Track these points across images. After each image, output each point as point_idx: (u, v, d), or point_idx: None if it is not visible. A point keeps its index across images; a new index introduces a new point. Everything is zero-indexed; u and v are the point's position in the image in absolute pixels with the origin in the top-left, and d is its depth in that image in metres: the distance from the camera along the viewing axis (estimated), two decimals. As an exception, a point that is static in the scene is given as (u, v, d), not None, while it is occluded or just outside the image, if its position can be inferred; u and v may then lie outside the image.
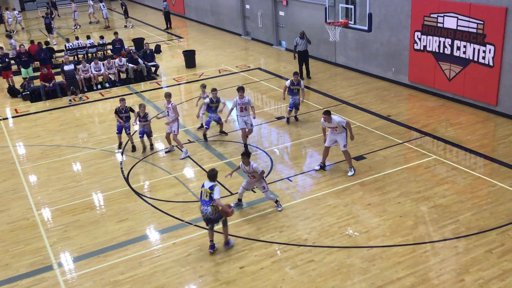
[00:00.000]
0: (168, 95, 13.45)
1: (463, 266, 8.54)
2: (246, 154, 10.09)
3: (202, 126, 14.72)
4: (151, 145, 13.95)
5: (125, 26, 31.98)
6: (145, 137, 13.77)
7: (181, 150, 13.30)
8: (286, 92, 14.80)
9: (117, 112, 13.94)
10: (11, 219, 10.98)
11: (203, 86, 14.94)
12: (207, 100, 13.98)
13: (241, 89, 13.31)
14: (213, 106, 13.93)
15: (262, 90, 18.32)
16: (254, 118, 13.54)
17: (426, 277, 8.32)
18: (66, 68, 18.06)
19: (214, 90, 13.91)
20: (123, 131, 13.87)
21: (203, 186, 9.11)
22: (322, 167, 12.13)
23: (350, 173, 11.82)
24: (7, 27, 32.70)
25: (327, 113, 11.51)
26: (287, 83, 14.71)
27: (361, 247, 9.20)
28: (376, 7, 17.16)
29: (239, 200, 10.79)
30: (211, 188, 8.95)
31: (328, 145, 11.91)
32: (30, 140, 15.24)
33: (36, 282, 8.87)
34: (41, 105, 18.38)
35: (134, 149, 13.79)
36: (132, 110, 14.07)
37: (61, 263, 9.38)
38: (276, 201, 10.67)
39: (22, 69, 20.32)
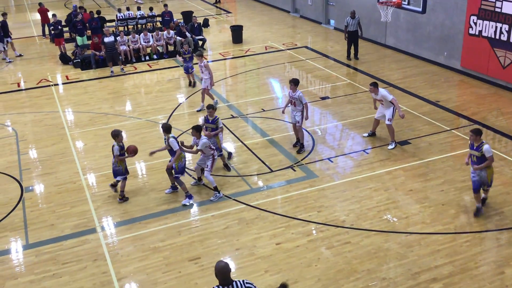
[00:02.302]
0: (199, 55, 14.44)
1: (504, 259, 8.33)
2: (195, 129, 10.22)
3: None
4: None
5: None
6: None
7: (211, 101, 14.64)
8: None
9: (181, 54, 16.67)
10: (58, 181, 11.41)
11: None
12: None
13: (292, 82, 11.72)
14: (209, 127, 11.29)
15: (308, 69, 18.14)
16: (306, 119, 11.97)
17: (465, 267, 8.17)
18: (106, 40, 18.25)
19: (210, 107, 11.27)
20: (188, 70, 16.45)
21: (176, 138, 10.18)
22: (370, 134, 12.68)
23: (390, 147, 12.09)
24: None
25: (373, 84, 11.90)
26: None
27: (399, 232, 9.10)
28: (431, -12, 16.60)
29: (199, 179, 10.99)
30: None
31: (376, 117, 12.37)
32: (79, 106, 15.69)
33: (79, 243, 9.23)
34: (91, 73, 18.83)
35: (193, 84, 16.86)
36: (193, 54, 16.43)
37: (104, 226, 9.72)
38: (215, 188, 10.35)
39: (78, 37, 20.81)
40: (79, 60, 19.49)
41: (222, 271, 5.67)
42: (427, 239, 8.90)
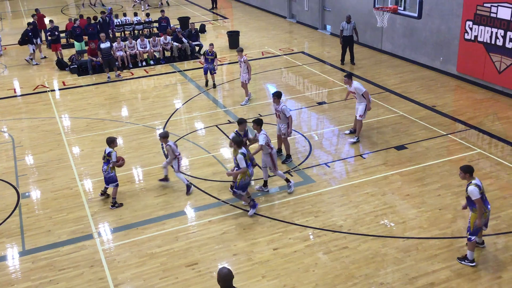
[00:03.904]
0: (240, 50, 15.28)
1: (501, 263, 8.34)
2: (256, 122, 10.38)
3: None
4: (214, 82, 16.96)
5: (161, 4, 32.29)
6: (209, 74, 16.84)
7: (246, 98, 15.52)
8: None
9: (205, 54, 16.81)
10: (55, 187, 11.37)
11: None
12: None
13: (275, 95, 11.56)
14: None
15: (305, 74, 18.18)
16: (289, 134, 11.61)
17: (462, 272, 8.18)
18: (102, 46, 18.24)
19: (241, 121, 10.73)
20: (208, 72, 16.76)
21: (245, 155, 9.55)
22: (352, 132, 13.09)
23: (352, 140, 12.64)
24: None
25: (348, 76, 12.52)
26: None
27: (397, 237, 9.11)
28: (427, -6, 16.69)
29: (264, 184, 10.79)
30: (248, 151, 9.86)
31: (356, 113, 12.67)
32: (76, 112, 15.67)
33: (76, 249, 9.20)
34: (88, 79, 18.82)
35: (214, 86, 17.03)
36: (216, 56, 16.87)
37: (100, 232, 9.69)
38: (287, 180, 10.65)
39: (76, 43, 20.82)
40: (76, 66, 19.48)
41: (225, 279, 5.64)
42: (424, 243, 8.90)
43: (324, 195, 10.52)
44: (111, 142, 10.41)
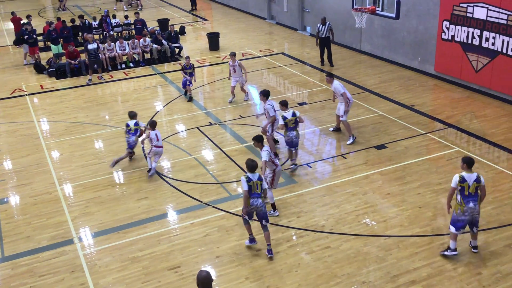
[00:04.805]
0: (233, 54, 15.31)
1: (481, 260, 8.47)
2: (256, 139, 9.77)
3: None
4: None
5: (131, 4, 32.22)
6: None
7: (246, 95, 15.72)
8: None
9: (183, 68, 16.35)
10: (34, 192, 11.21)
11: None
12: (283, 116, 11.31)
13: (261, 93, 12.08)
14: (289, 122, 11.23)
15: (285, 75, 18.24)
16: (271, 132, 11.94)
17: (442, 269, 8.28)
18: (89, 47, 18.17)
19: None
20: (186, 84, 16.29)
21: (250, 180, 8.44)
22: (335, 129, 13.29)
23: (348, 142, 12.60)
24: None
25: (329, 75, 12.75)
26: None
27: (378, 236, 9.19)
28: (404, -5, 16.88)
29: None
30: (260, 178, 8.54)
31: (336, 112, 12.93)
32: (55, 116, 15.48)
33: (56, 255, 9.08)
34: (66, 82, 18.61)
35: (191, 99, 16.20)
36: (194, 68, 16.61)
37: (81, 237, 9.58)
38: (273, 206, 9.88)
39: (52, 46, 20.57)
40: (54, 69, 19.24)
41: (204, 282, 5.63)
42: (405, 241, 9.00)
43: (306, 196, 10.56)
44: (135, 115, 12.18)
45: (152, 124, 11.61)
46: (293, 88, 16.99)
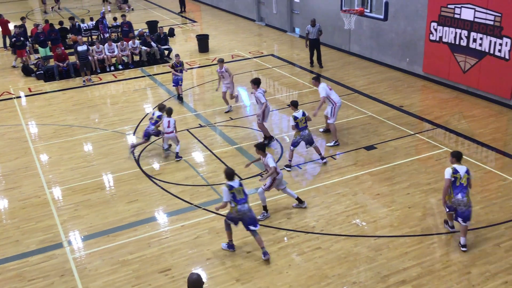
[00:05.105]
0: (221, 61, 14.76)
1: (470, 259, 8.53)
2: (257, 147, 9.73)
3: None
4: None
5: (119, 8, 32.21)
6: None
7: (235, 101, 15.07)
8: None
9: (173, 66, 16.13)
10: (22, 196, 11.12)
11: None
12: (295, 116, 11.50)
13: (251, 82, 12.71)
14: (300, 122, 11.49)
15: (275, 77, 18.26)
16: (258, 117, 12.65)
17: (432, 268, 8.33)
18: (79, 49, 18.10)
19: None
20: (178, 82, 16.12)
21: (232, 187, 8.45)
22: (325, 130, 13.39)
23: (329, 144, 12.74)
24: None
25: (315, 78, 12.99)
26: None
27: (368, 236, 9.22)
28: (392, -4, 17.00)
29: (299, 200, 10.13)
30: (240, 184, 8.59)
31: (325, 113, 12.97)
32: (43, 119, 15.37)
33: (46, 259, 9.01)
34: (55, 84, 18.48)
35: (181, 98, 16.19)
36: (183, 65, 16.50)
37: (71, 241, 9.52)
38: (264, 208, 9.87)
39: (40, 49, 20.44)
40: (42, 71, 19.11)
41: (195, 284, 5.62)
42: (395, 242, 9.04)
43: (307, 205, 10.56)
44: (162, 108, 12.56)
45: (167, 111, 12.42)
46: (283, 90, 17.02)
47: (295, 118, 11.41)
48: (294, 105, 11.63)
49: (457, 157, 8.64)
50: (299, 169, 11.73)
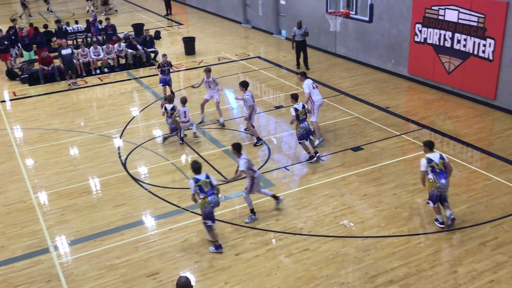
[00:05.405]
0: (207, 70, 14.40)
1: (456, 258, 8.61)
2: (233, 147, 9.71)
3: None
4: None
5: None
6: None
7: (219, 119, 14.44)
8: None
9: (160, 66, 16.14)
10: (8, 201, 11.00)
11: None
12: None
13: (240, 85, 13.09)
14: (300, 114, 11.81)
15: (261, 79, 18.29)
16: (249, 120, 12.99)
17: (419, 268, 8.39)
18: (63, 52, 17.96)
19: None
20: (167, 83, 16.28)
21: (198, 180, 8.67)
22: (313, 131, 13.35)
23: (316, 142, 12.60)
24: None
25: (301, 73, 13.13)
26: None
27: (356, 237, 9.26)
28: (377, -2, 17.14)
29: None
30: (207, 177, 8.77)
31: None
32: (28, 123, 15.22)
33: (32, 264, 8.92)
34: (40, 88, 18.33)
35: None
36: (171, 65, 16.60)
37: (57, 246, 9.43)
38: (251, 211, 9.84)
39: (24, 52, 20.25)
40: (26, 75, 18.93)
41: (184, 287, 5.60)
42: (383, 242, 9.10)
43: (284, 199, 10.58)
44: (171, 100, 13.21)
45: (182, 100, 13.17)
46: (270, 92, 17.05)
47: (296, 110, 11.70)
48: (295, 98, 11.99)
49: (429, 146, 9.17)
50: (286, 171, 11.75)
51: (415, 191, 10.61)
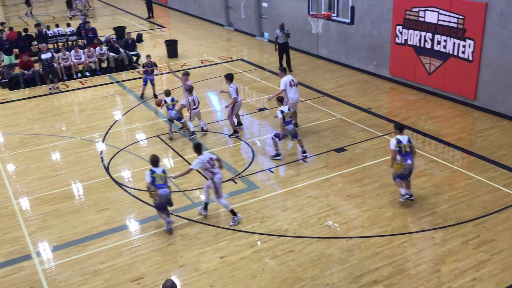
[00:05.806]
0: (186, 74, 14.39)
1: (439, 257, 8.70)
2: (195, 147, 10.07)
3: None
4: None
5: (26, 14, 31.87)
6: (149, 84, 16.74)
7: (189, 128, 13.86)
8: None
9: (144, 66, 16.57)
10: (-12, 208, 10.84)
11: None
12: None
13: (225, 77, 13.59)
14: (286, 116, 12.01)
15: (245, 81, 18.30)
16: (230, 112, 13.57)
17: (403, 267, 8.47)
18: (43, 56, 17.72)
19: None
20: (148, 82, 16.60)
21: (153, 172, 9.41)
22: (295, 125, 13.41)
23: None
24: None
25: (282, 69, 13.61)
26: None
27: (340, 237, 9.31)
28: (358, 0, 17.25)
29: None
30: (164, 171, 9.48)
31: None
32: (9, 128, 15.01)
33: (14, 271, 8.79)
34: (20, 93, 18.10)
35: (156, 96, 16.59)
36: (156, 66, 16.97)
37: (39, 252, 9.31)
38: (232, 212, 9.84)
39: (5, 56, 19.99)
40: (6, 80, 18.68)
41: None
42: (367, 242, 9.16)
43: (268, 201, 10.60)
44: (169, 93, 13.56)
45: (188, 89, 13.52)
46: (253, 94, 17.06)
47: (282, 112, 11.89)
48: (280, 100, 12.47)
49: (400, 128, 9.92)
50: (270, 173, 11.77)
51: (398, 191, 10.69)
